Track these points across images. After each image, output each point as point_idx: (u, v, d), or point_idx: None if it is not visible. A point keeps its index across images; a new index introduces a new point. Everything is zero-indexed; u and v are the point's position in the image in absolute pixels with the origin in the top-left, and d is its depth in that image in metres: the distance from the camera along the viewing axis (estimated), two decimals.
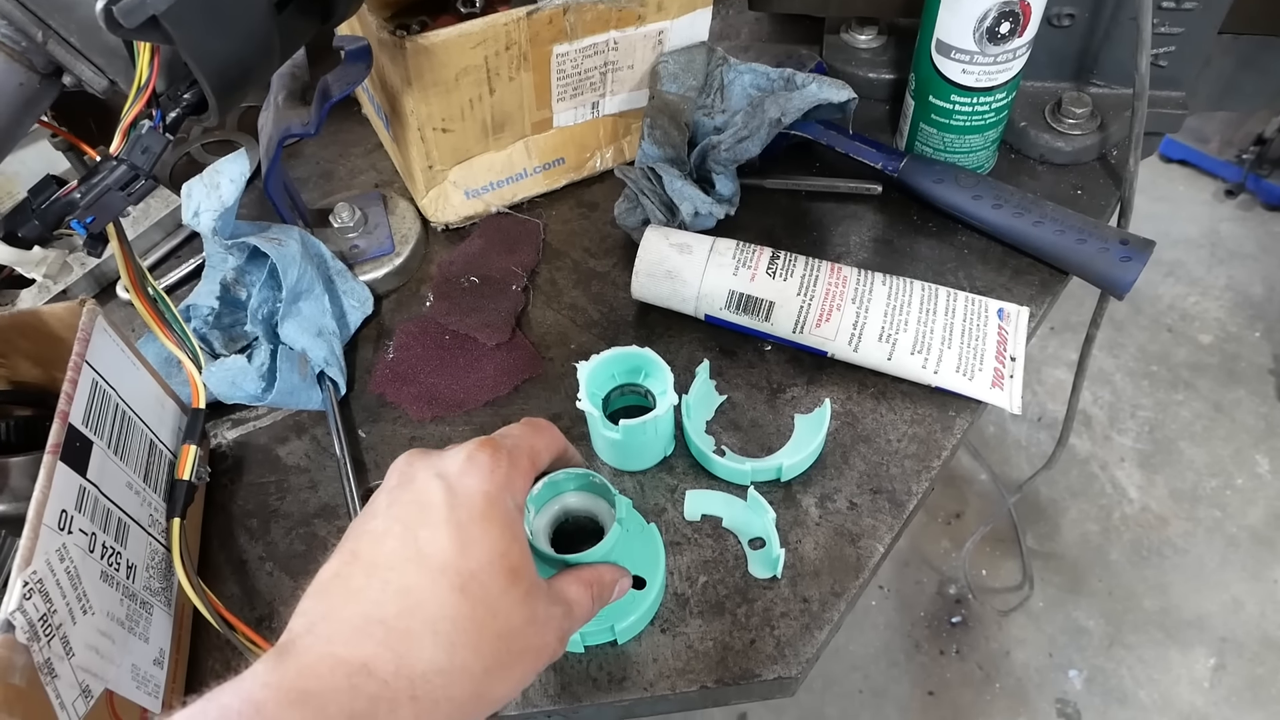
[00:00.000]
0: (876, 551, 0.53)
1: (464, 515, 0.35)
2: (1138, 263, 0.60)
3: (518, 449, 0.40)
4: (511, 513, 0.37)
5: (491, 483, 0.37)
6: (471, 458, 0.37)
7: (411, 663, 0.33)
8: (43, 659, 0.38)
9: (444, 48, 0.57)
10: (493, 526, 0.36)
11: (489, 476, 0.37)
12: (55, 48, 0.41)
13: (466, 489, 0.36)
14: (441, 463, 0.37)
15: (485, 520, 0.36)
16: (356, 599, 0.34)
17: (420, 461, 0.38)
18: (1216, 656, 1.43)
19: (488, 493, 0.36)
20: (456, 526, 0.35)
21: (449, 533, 0.35)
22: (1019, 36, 0.60)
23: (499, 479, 0.37)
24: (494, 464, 0.38)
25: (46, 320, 0.48)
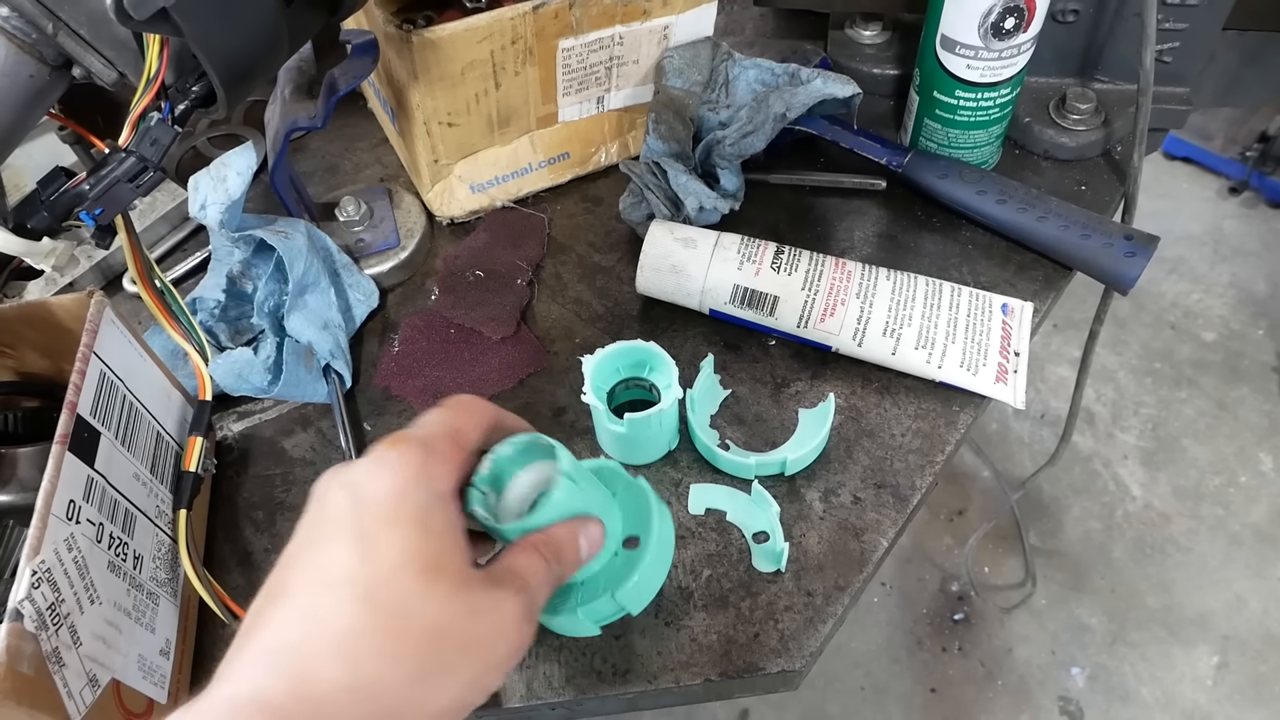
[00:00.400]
0: (880, 546, 0.53)
1: (368, 521, 0.33)
2: (1142, 258, 0.60)
3: (433, 436, 0.37)
4: (427, 506, 0.35)
5: (400, 478, 0.34)
6: (378, 458, 0.35)
7: (312, 686, 0.31)
8: (50, 648, 0.38)
9: (450, 42, 0.58)
10: (401, 526, 0.34)
11: (396, 473, 0.34)
12: (65, 40, 0.41)
13: (373, 493, 0.34)
14: (349, 472, 0.35)
15: (392, 521, 0.34)
16: (262, 632, 0.32)
17: (331, 476, 0.36)
18: (1220, 654, 1.43)
19: (394, 491, 0.34)
20: (359, 535, 0.33)
21: (350, 543, 0.33)
22: (1023, 32, 0.60)
23: (409, 472, 0.35)
24: (402, 459, 0.35)
25: (54, 311, 0.49)
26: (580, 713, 0.50)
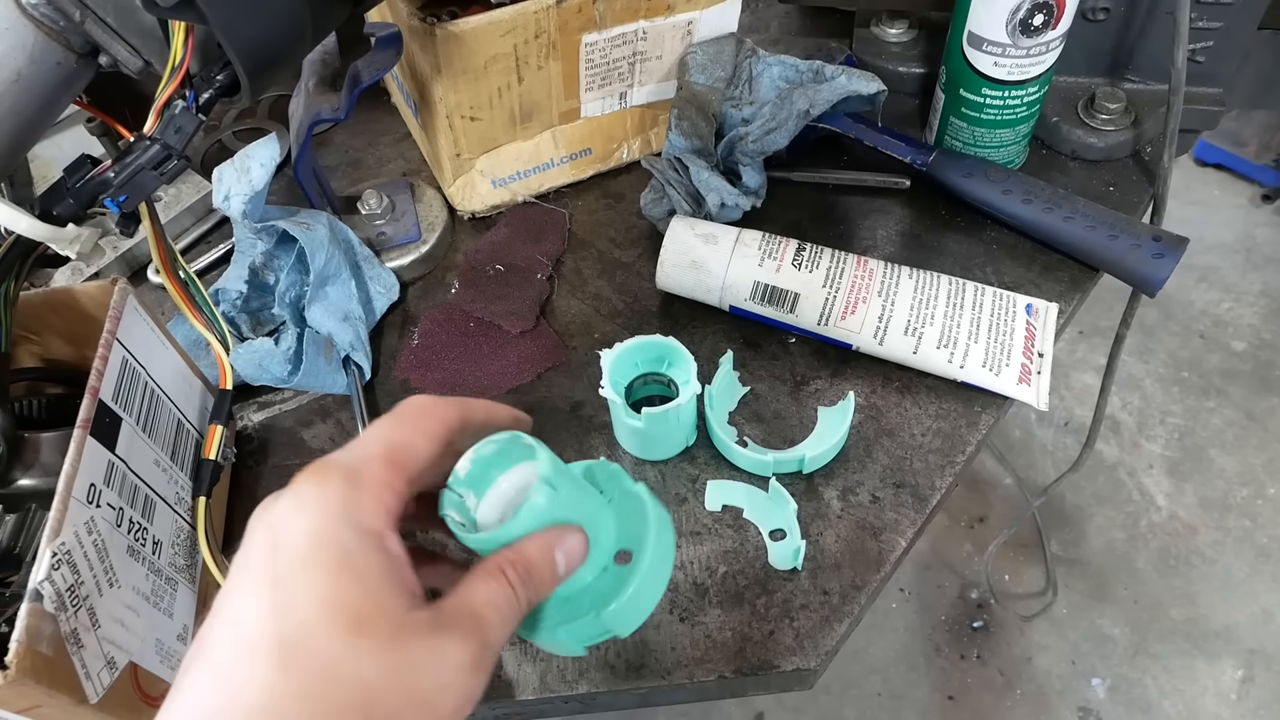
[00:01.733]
0: (898, 545, 0.52)
1: (282, 567, 0.29)
2: (1170, 260, 0.59)
3: (361, 459, 0.32)
4: (348, 547, 0.30)
5: (317, 516, 0.30)
6: (295, 492, 0.31)
7: None
8: (69, 629, 0.39)
9: (473, 35, 0.58)
10: (317, 572, 0.29)
11: (316, 509, 0.30)
12: (92, 27, 0.41)
13: (288, 534, 0.30)
14: (272, 509, 0.31)
15: (307, 566, 0.29)
16: (184, 695, 0.29)
17: (259, 513, 0.31)
18: (1244, 668, 1.41)
19: (311, 531, 0.29)
20: (271, 584, 0.29)
21: (263, 594, 0.29)
22: (1052, 29, 0.59)
23: (328, 509, 0.30)
24: (320, 493, 0.30)
25: (79, 299, 0.49)
26: (594, 707, 0.50)
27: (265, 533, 0.30)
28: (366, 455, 0.32)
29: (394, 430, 0.34)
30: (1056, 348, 0.60)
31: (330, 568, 0.29)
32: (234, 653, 0.28)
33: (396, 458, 0.33)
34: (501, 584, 0.33)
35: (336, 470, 0.31)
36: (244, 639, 0.28)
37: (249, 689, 0.27)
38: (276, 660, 0.28)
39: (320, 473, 0.31)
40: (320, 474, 0.31)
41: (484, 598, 0.32)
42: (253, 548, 0.30)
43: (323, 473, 0.31)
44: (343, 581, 0.29)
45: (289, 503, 0.30)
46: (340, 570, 0.29)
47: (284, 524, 0.30)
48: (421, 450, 0.34)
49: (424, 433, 0.34)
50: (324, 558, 0.29)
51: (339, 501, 0.30)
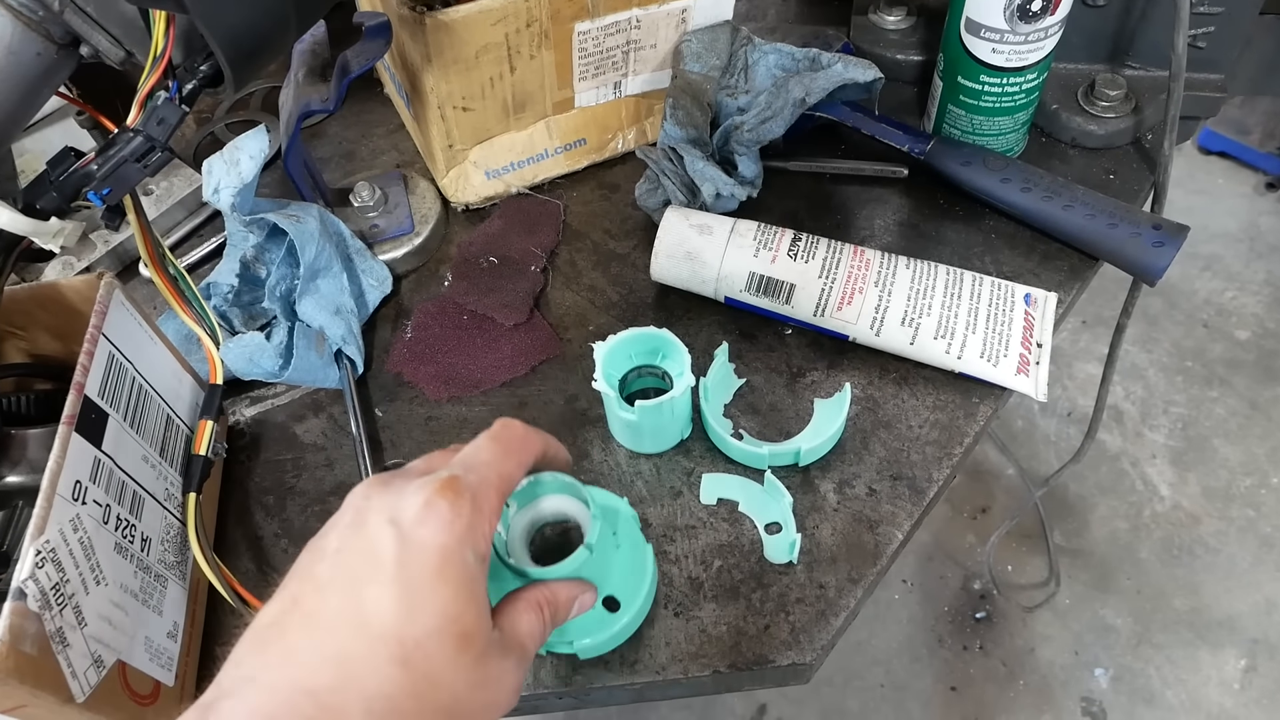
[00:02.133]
0: (895, 539, 0.52)
1: (414, 573, 0.32)
2: (1170, 248, 0.59)
3: (484, 485, 0.36)
4: (469, 569, 0.33)
5: (450, 534, 0.33)
6: (430, 504, 0.33)
7: None
8: (54, 628, 0.38)
9: (464, 24, 0.57)
10: (445, 587, 0.32)
11: (447, 528, 0.33)
12: (72, 17, 0.41)
13: (420, 542, 0.33)
14: (398, 505, 0.34)
15: (437, 580, 0.32)
16: (290, 661, 0.31)
17: (377, 499, 0.34)
18: (1248, 658, 1.41)
19: (443, 547, 0.33)
20: (404, 587, 0.32)
21: (395, 594, 0.32)
22: (1051, 15, 0.59)
23: (458, 530, 0.33)
24: (454, 513, 0.33)
25: (65, 293, 0.49)
26: (588, 702, 0.50)
27: (392, 530, 0.33)
28: (486, 482, 0.36)
29: (504, 461, 0.38)
30: (1059, 337, 0.59)
31: (455, 585, 0.33)
32: (357, 641, 0.31)
33: (504, 489, 0.37)
34: (539, 620, 0.38)
35: (468, 495, 0.34)
36: (370, 631, 0.31)
37: (370, 680, 0.31)
38: (400, 660, 0.31)
39: (454, 492, 0.34)
40: (454, 494, 0.34)
41: (527, 629, 0.37)
42: (380, 541, 0.33)
43: (456, 493, 0.34)
44: (461, 600, 0.33)
45: (420, 510, 0.33)
46: (461, 589, 0.33)
47: (416, 531, 0.33)
48: (519, 476, 0.39)
49: (522, 465, 0.39)
50: (451, 575, 0.33)
51: (466, 525, 0.34)
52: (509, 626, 0.37)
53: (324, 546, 0.34)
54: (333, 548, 0.34)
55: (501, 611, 0.37)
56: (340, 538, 0.34)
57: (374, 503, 0.34)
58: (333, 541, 0.34)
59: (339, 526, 0.35)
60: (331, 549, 0.34)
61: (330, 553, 0.34)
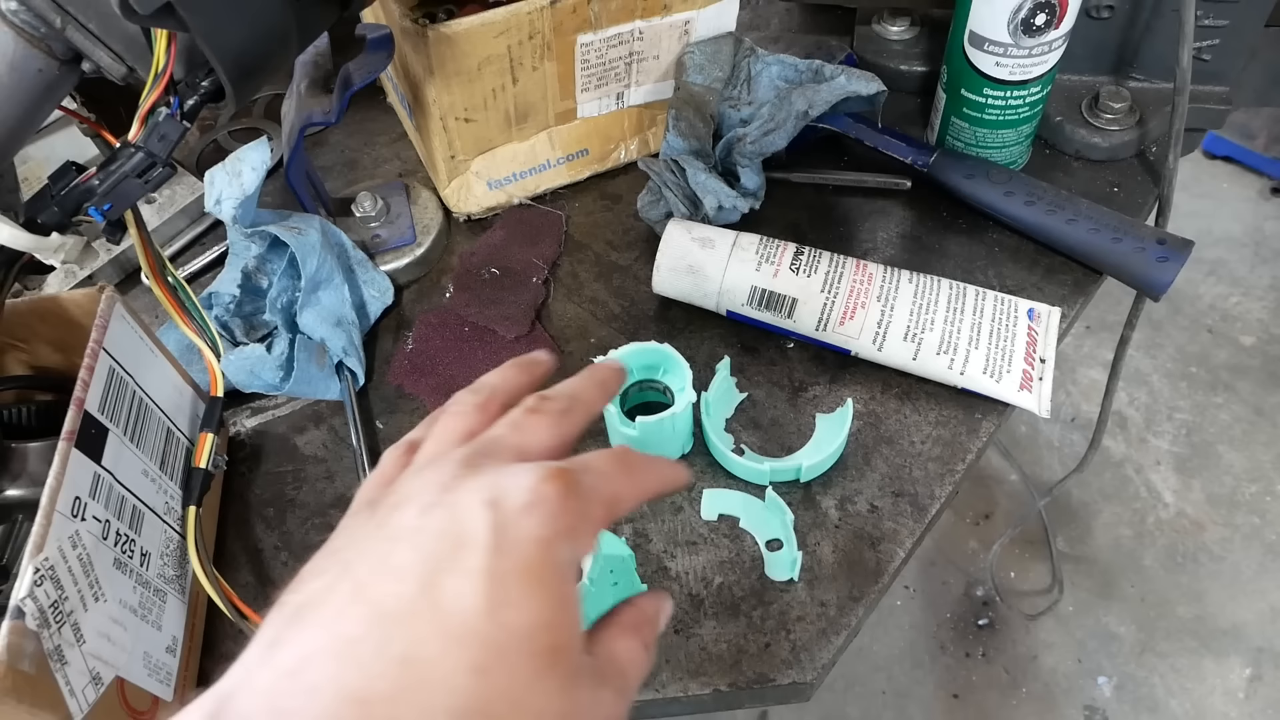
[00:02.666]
0: (897, 556, 0.52)
1: (508, 566, 0.26)
2: (1175, 263, 0.58)
3: (595, 494, 0.30)
4: (567, 573, 0.28)
5: (553, 529, 0.27)
6: (537, 491, 0.28)
7: None
8: (52, 646, 0.38)
9: (466, 37, 0.57)
10: (540, 588, 0.27)
11: (552, 520, 0.27)
12: (74, 34, 0.41)
13: (520, 531, 0.27)
14: (499, 484, 0.28)
15: (532, 578, 0.27)
16: (342, 656, 0.25)
17: (476, 478, 0.28)
18: (1252, 667, 1.40)
19: (545, 540, 0.27)
20: (494, 580, 0.26)
21: (482, 587, 0.26)
22: (1055, 29, 0.58)
23: (562, 526, 0.28)
24: (562, 506, 0.28)
25: (66, 306, 0.49)
26: None
27: (489, 513, 0.27)
28: (597, 491, 0.30)
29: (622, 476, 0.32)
30: (1063, 343, 0.59)
31: (550, 587, 0.27)
32: (433, 639, 0.25)
33: (612, 511, 0.31)
34: (640, 643, 0.32)
35: (579, 492, 0.29)
36: (450, 630, 0.25)
37: (439, 688, 0.25)
38: (478, 666, 0.25)
39: (566, 485, 0.28)
40: (566, 486, 0.28)
41: (626, 654, 0.31)
42: (472, 524, 0.27)
43: (569, 487, 0.28)
44: (553, 606, 0.27)
45: (526, 495, 0.28)
46: (555, 593, 0.27)
47: (519, 519, 0.27)
48: (627, 508, 0.32)
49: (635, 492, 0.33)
50: (548, 575, 0.27)
51: (571, 525, 0.28)
52: (604, 652, 0.31)
53: (394, 522, 0.28)
54: (411, 521, 0.28)
55: (593, 637, 0.31)
56: (422, 511, 0.28)
57: (466, 482, 0.28)
58: (411, 515, 0.28)
59: (422, 501, 0.28)
60: (409, 523, 0.28)
61: (408, 528, 0.28)
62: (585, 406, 0.34)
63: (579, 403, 0.34)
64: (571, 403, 0.33)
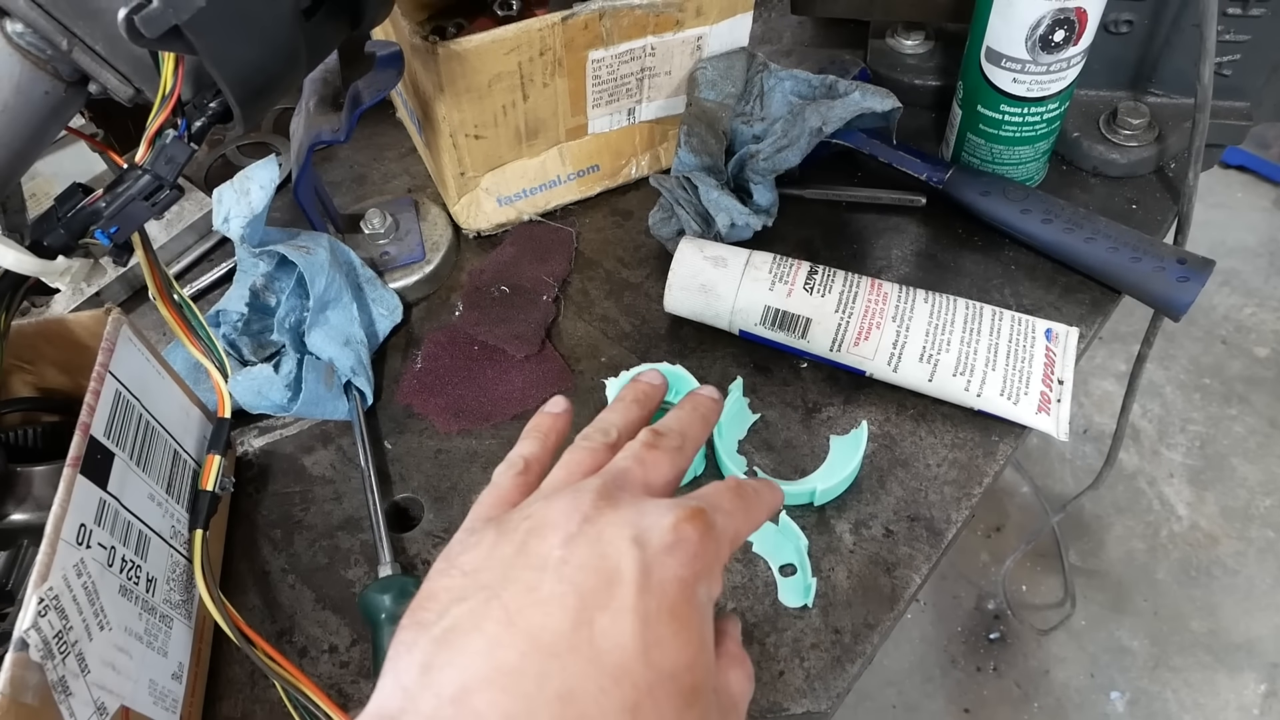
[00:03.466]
0: (913, 582, 0.51)
1: (654, 605, 0.27)
2: (1195, 283, 0.58)
3: (724, 533, 0.30)
4: (705, 612, 0.28)
5: (693, 569, 0.28)
6: (679, 531, 0.28)
7: None
8: (57, 677, 0.37)
9: (476, 54, 0.56)
10: (684, 630, 0.27)
11: (692, 561, 0.28)
12: (81, 56, 0.40)
13: (665, 571, 0.27)
14: (642, 523, 0.28)
15: (677, 620, 0.27)
16: (507, 690, 0.25)
17: (616, 512, 0.29)
18: (1268, 682, 1.38)
19: (685, 581, 0.28)
20: (644, 620, 0.27)
21: (635, 627, 0.26)
22: (1074, 45, 0.58)
23: (701, 567, 0.28)
24: (701, 547, 0.28)
25: (72, 328, 0.48)
26: None
27: (636, 552, 0.28)
28: (725, 531, 0.30)
29: (744, 518, 0.33)
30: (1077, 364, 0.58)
31: (692, 628, 0.28)
32: (591, 677, 0.26)
33: (736, 547, 0.32)
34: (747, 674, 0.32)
35: (714, 533, 0.29)
36: (607, 668, 0.26)
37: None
38: (631, 705, 0.26)
39: (705, 525, 0.29)
40: (705, 527, 0.29)
41: (739, 688, 0.32)
42: (621, 561, 0.27)
43: (707, 527, 0.29)
44: (693, 646, 0.28)
45: (669, 536, 0.28)
46: (695, 634, 0.28)
47: (663, 559, 0.28)
48: (742, 541, 0.34)
49: (755, 528, 0.34)
50: (689, 616, 0.28)
51: (708, 565, 0.29)
52: (721, 687, 0.31)
53: (536, 549, 0.28)
54: (555, 552, 0.28)
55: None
56: (568, 544, 0.28)
57: (608, 515, 0.29)
58: (551, 546, 0.28)
59: (555, 529, 0.29)
60: (554, 553, 0.28)
61: (554, 560, 0.28)
62: (694, 443, 0.35)
63: (689, 440, 0.35)
64: (683, 440, 0.34)
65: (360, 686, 0.49)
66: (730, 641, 0.33)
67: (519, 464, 0.35)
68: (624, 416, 0.37)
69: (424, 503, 0.56)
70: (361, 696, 0.49)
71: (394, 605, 0.49)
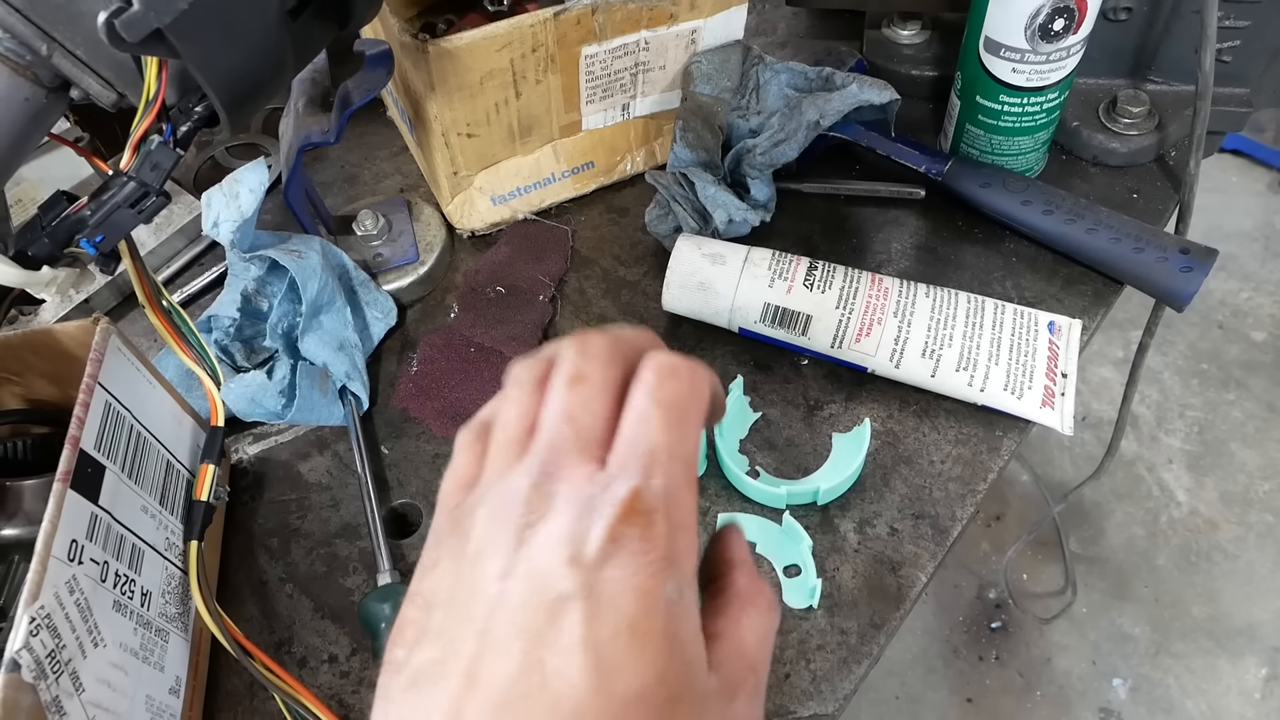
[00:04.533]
0: (918, 580, 0.50)
1: (607, 630, 0.24)
2: (1199, 273, 0.57)
3: (674, 489, 0.26)
4: (673, 611, 0.25)
5: (646, 572, 0.25)
6: (616, 538, 0.25)
7: None
8: (50, 697, 0.37)
9: (467, 51, 0.55)
10: (646, 645, 0.25)
11: (642, 565, 0.25)
12: (61, 61, 0.39)
13: (611, 587, 0.25)
14: (574, 535, 0.25)
15: (635, 636, 0.24)
16: None
17: (547, 524, 0.26)
18: (1269, 667, 1.39)
19: (640, 590, 0.25)
20: (596, 651, 0.24)
21: (586, 664, 0.24)
22: (1073, 34, 0.57)
23: (654, 563, 0.25)
24: (647, 542, 0.25)
25: (60, 339, 0.47)
26: None
27: (575, 574, 0.25)
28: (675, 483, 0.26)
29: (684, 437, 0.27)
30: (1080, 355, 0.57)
31: (657, 640, 0.25)
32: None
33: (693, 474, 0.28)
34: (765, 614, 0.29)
35: (660, 512, 0.26)
36: (565, 714, 0.24)
37: None
38: None
39: (644, 517, 0.25)
40: (644, 519, 0.25)
41: (754, 637, 0.28)
42: (559, 588, 0.25)
43: (647, 518, 0.25)
44: (664, 657, 0.25)
45: (605, 546, 0.25)
46: (663, 643, 0.25)
47: (604, 574, 0.25)
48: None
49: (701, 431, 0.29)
50: (652, 626, 0.25)
51: (663, 554, 0.25)
52: (729, 653, 0.28)
53: (478, 580, 0.26)
54: (493, 593, 0.25)
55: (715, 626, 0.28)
56: (500, 578, 0.25)
57: (539, 532, 0.26)
58: (489, 578, 0.26)
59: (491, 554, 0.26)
60: (493, 594, 0.25)
61: (491, 597, 0.25)
62: (631, 345, 0.29)
63: (624, 342, 0.29)
64: (615, 344, 0.29)
65: (361, 696, 0.49)
66: (738, 575, 0.29)
67: (475, 428, 0.31)
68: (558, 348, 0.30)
69: (422, 508, 0.55)
70: (363, 706, 0.48)
71: (393, 614, 0.48)
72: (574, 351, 0.29)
